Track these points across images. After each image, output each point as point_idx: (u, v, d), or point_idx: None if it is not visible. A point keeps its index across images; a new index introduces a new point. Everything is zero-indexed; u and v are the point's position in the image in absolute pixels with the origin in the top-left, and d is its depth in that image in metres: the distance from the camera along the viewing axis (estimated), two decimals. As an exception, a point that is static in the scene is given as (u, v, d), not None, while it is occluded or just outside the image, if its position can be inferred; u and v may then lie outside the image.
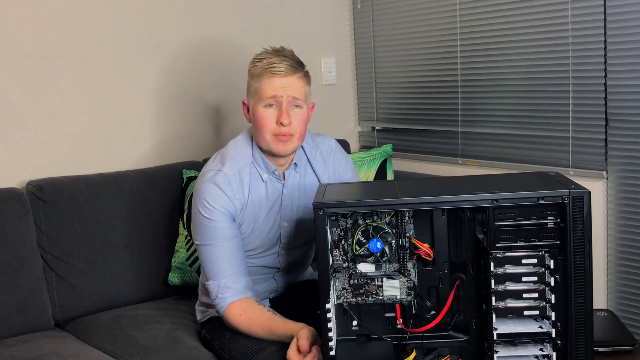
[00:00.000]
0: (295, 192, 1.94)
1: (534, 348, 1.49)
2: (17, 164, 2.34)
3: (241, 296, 1.81)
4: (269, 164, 1.89)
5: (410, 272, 1.59)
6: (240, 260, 1.84)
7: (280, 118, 1.81)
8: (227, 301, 1.80)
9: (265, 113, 1.82)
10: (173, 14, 2.66)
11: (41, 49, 2.37)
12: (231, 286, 1.80)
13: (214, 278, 1.82)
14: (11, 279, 2.12)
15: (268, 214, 1.91)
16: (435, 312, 1.59)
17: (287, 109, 1.82)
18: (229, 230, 1.83)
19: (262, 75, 1.82)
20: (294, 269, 2.06)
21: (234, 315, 1.80)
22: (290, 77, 1.82)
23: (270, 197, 1.91)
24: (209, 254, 1.83)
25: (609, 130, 2.29)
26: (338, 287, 1.60)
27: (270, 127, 1.82)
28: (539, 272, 1.46)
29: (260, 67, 1.83)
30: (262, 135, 1.84)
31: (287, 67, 1.82)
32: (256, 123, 1.85)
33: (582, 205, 1.40)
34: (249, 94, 1.89)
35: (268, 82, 1.81)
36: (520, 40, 2.49)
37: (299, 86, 1.84)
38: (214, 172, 1.84)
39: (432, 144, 2.95)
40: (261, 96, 1.82)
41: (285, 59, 1.83)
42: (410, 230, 1.58)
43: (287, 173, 1.93)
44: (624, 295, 2.31)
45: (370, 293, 1.59)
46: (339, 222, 1.59)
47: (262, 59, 1.84)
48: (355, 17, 3.18)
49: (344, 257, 1.60)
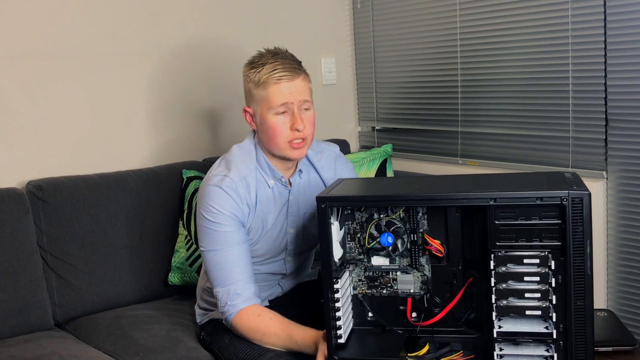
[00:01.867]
0: (302, 198, 1.93)
1: (539, 349, 1.49)
2: (17, 164, 2.34)
3: (253, 302, 1.78)
4: (275, 171, 1.88)
5: (424, 267, 1.62)
6: (248, 267, 1.81)
7: (295, 124, 1.79)
8: (237, 307, 1.76)
9: (278, 121, 1.79)
10: (173, 14, 2.66)
11: (41, 49, 2.37)
12: (241, 293, 1.76)
13: (222, 285, 1.78)
14: (11, 279, 2.11)
15: (275, 221, 1.90)
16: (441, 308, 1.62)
17: (299, 114, 1.80)
18: (237, 235, 1.80)
19: (268, 82, 1.78)
20: (298, 273, 2.06)
21: (252, 316, 1.75)
22: (296, 79, 1.80)
23: (278, 203, 1.90)
24: (216, 260, 1.79)
25: (609, 130, 2.29)
26: (354, 279, 1.65)
27: (285, 134, 1.80)
28: (541, 272, 1.46)
29: (263, 73, 1.78)
30: (275, 143, 1.82)
31: (291, 70, 1.79)
32: (268, 131, 1.81)
33: (581, 206, 1.40)
34: (252, 102, 1.84)
35: (276, 89, 1.78)
36: (520, 40, 2.49)
37: (305, 87, 1.82)
38: (221, 177, 1.81)
39: (432, 144, 2.95)
40: (271, 104, 1.78)
41: (287, 61, 1.80)
42: (423, 226, 1.60)
43: (293, 179, 1.93)
44: (624, 295, 2.31)
45: (385, 286, 1.64)
46: (355, 216, 1.63)
47: (263, 64, 1.80)
48: (355, 17, 3.18)
49: (360, 250, 1.64)
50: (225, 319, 1.80)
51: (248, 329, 1.76)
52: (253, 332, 1.76)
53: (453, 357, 1.56)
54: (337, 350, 1.57)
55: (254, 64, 1.82)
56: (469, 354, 1.57)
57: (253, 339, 1.77)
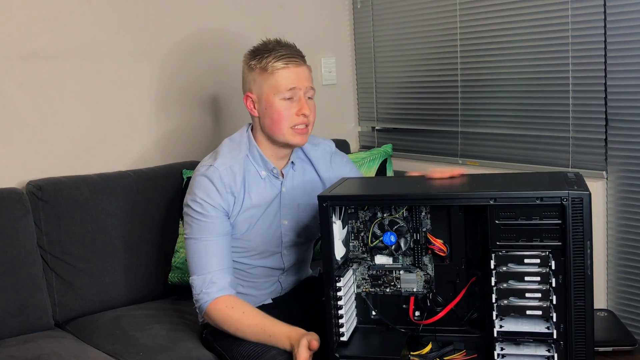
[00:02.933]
0: (295, 191, 1.94)
1: (539, 348, 1.49)
2: (17, 164, 2.34)
3: (227, 292, 1.78)
4: (267, 162, 1.89)
5: (427, 266, 1.62)
6: (227, 258, 1.82)
7: (302, 109, 1.82)
8: (212, 296, 1.77)
9: (285, 105, 1.82)
10: (173, 15, 2.66)
11: (41, 49, 2.37)
12: (217, 282, 1.77)
13: (199, 273, 1.79)
14: (11, 279, 2.11)
15: (266, 211, 1.90)
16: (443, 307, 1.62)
17: (306, 100, 1.84)
18: (219, 226, 1.81)
19: (276, 67, 1.80)
20: (297, 269, 2.06)
21: (224, 308, 1.76)
22: (303, 66, 1.84)
23: (270, 194, 1.90)
24: (196, 248, 1.80)
25: (609, 130, 2.29)
26: (358, 277, 1.66)
27: (290, 119, 1.82)
28: (542, 272, 1.46)
29: (271, 59, 1.80)
30: (278, 128, 1.83)
31: (297, 57, 1.83)
32: (273, 115, 1.83)
33: (581, 206, 1.40)
34: (256, 87, 1.85)
35: (284, 73, 1.80)
36: (520, 40, 2.49)
37: (310, 76, 1.86)
38: (206, 167, 1.83)
39: (432, 144, 2.95)
40: (279, 88, 1.81)
41: (292, 48, 1.84)
42: (427, 225, 1.61)
43: (285, 171, 1.93)
44: (624, 295, 2.31)
45: (388, 284, 1.65)
46: (359, 215, 1.64)
47: (270, 50, 1.82)
48: (355, 17, 3.18)
49: (363, 249, 1.65)
50: (199, 307, 1.81)
51: (222, 321, 1.77)
52: (227, 324, 1.77)
53: (455, 356, 1.56)
54: (340, 348, 1.57)
55: (259, 51, 1.84)
56: (471, 353, 1.57)
57: (227, 330, 1.77)
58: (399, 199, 1.56)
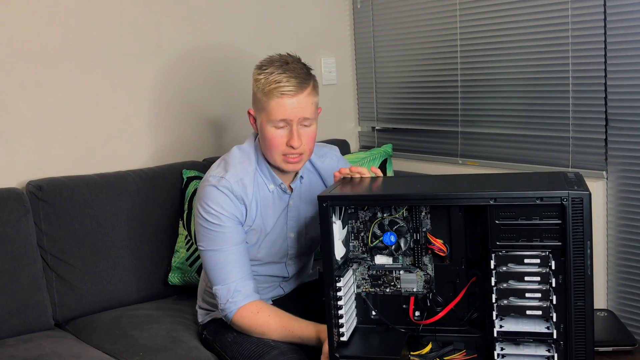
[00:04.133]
0: (302, 204, 1.94)
1: (539, 349, 1.49)
2: (17, 164, 2.34)
3: (253, 298, 1.80)
4: (275, 177, 1.88)
5: (427, 266, 1.62)
6: (247, 265, 1.83)
7: (290, 141, 1.78)
8: (238, 304, 1.78)
9: (275, 134, 1.78)
10: (173, 14, 2.66)
11: (41, 49, 2.37)
12: (241, 290, 1.79)
13: (222, 283, 1.79)
14: (11, 279, 2.11)
15: (275, 225, 1.91)
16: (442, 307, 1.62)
17: (297, 131, 1.78)
18: (235, 235, 1.81)
19: (271, 94, 1.75)
20: (299, 275, 2.06)
21: (251, 314, 1.78)
22: (300, 95, 1.76)
23: (277, 207, 1.90)
24: (217, 259, 1.80)
25: (609, 130, 2.29)
26: (358, 277, 1.66)
27: (281, 148, 1.79)
28: (542, 272, 1.46)
29: (268, 83, 1.75)
30: (271, 154, 1.82)
31: (296, 85, 1.75)
32: (265, 141, 1.81)
33: (581, 206, 1.40)
34: (255, 105, 1.83)
35: (277, 103, 1.75)
36: (520, 40, 2.50)
37: (308, 104, 1.79)
38: (217, 179, 1.82)
39: (432, 144, 2.95)
40: (270, 117, 1.77)
41: (293, 74, 1.76)
42: (427, 225, 1.61)
43: (294, 185, 1.93)
44: (624, 295, 2.31)
45: (388, 284, 1.64)
46: (359, 215, 1.64)
47: (270, 72, 1.76)
48: (355, 17, 3.18)
49: (363, 249, 1.65)
50: (225, 316, 1.82)
51: (248, 326, 1.79)
52: (253, 329, 1.79)
53: (455, 356, 1.56)
54: (340, 348, 1.57)
55: (262, 70, 1.79)
56: (471, 353, 1.57)
57: (255, 334, 1.80)
58: (399, 199, 1.56)
